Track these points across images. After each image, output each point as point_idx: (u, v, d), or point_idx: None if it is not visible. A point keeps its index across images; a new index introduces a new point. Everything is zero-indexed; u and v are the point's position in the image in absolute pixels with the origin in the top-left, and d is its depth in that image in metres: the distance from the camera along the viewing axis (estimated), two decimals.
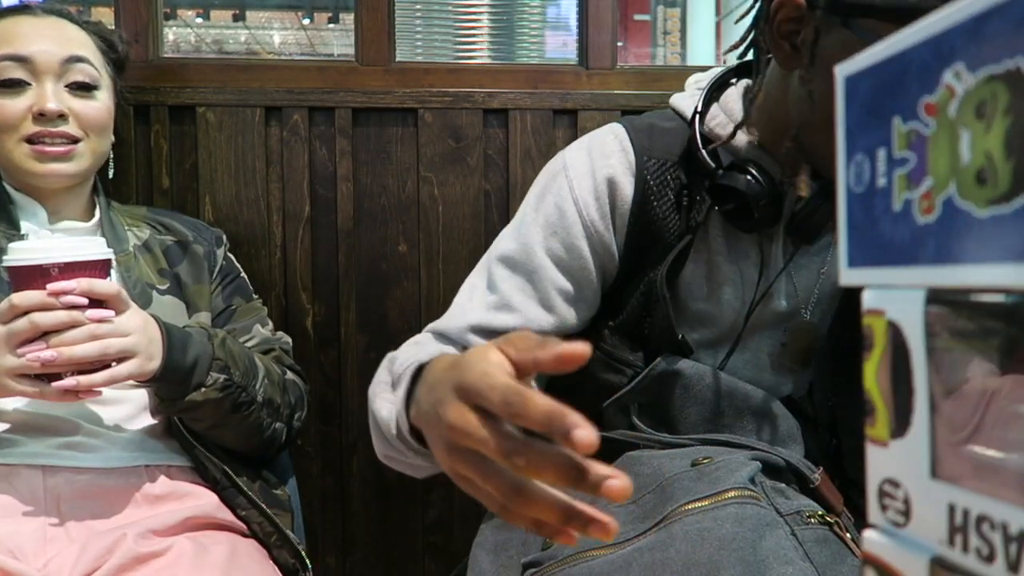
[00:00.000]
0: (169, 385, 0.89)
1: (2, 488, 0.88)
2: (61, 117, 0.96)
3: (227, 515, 0.96)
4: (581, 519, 0.43)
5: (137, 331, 0.84)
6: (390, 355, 0.79)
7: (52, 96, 0.96)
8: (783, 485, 0.73)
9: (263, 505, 0.96)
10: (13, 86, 0.95)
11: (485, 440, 0.44)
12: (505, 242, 0.85)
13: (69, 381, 0.80)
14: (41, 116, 0.95)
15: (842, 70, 0.29)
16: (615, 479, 0.40)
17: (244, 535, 0.97)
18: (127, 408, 0.97)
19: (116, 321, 0.83)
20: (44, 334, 0.80)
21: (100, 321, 0.81)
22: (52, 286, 0.79)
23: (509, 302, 0.81)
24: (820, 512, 0.70)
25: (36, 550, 0.84)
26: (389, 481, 1.39)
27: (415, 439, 0.63)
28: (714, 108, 0.83)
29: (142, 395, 0.98)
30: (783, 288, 0.84)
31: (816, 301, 0.85)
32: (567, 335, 0.83)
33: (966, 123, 0.23)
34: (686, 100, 0.86)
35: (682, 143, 0.83)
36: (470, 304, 0.83)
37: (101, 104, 1.01)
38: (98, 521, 0.88)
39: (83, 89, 0.99)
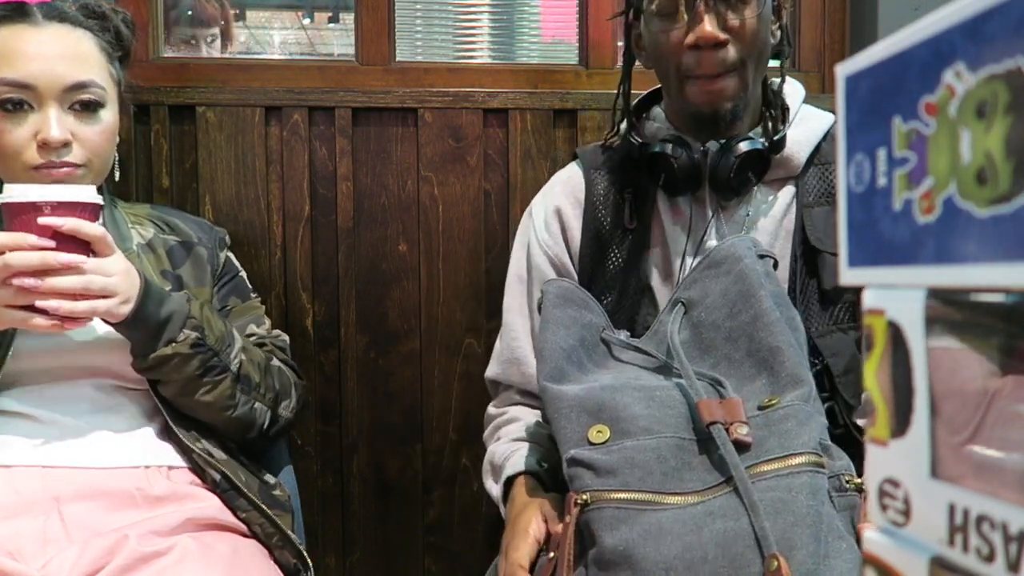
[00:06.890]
0: (141, 335, 0.91)
1: (0, 489, 0.88)
2: (65, 146, 0.93)
3: (228, 517, 0.96)
4: None
5: (120, 274, 0.87)
6: (492, 425, 1.05)
7: (56, 124, 0.92)
8: (828, 442, 0.75)
9: (263, 506, 0.96)
10: (14, 110, 0.92)
11: None
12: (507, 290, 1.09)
13: (51, 304, 0.82)
14: (45, 145, 0.92)
15: (842, 70, 0.29)
16: None
17: (245, 536, 0.97)
18: (126, 410, 0.97)
19: (101, 262, 0.86)
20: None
21: (71, 266, 0.83)
22: (42, 220, 0.81)
23: (513, 349, 1.05)
24: (858, 481, 0.72)
25: (35, 551, 0.84)
26: (389, 481, 1.39)
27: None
28: (655, 110, 1.04)
29: (141, 397, 0.98)
30: (713, 232, 0.97)
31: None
32: None
33: (966, 123, 0.23)
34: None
35: (625, 150, 1.01)
36: (498, 348, 1.09)
37: (106, 125, 0.97)
38: (98, 521, 0.88)
39: (88, 109, 0.95)
